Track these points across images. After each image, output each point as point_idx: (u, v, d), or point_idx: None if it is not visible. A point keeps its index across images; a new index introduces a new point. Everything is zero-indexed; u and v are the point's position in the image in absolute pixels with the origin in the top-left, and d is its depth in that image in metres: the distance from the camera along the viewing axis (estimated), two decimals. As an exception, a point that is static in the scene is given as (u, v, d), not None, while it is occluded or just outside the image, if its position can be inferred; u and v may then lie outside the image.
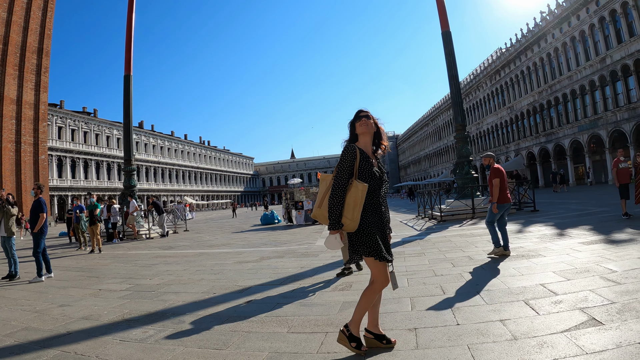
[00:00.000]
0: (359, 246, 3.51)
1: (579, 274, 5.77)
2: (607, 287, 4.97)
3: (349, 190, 3.46)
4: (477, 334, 3.78)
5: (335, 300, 5.45)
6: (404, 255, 8.92)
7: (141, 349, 4.08)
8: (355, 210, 3.44)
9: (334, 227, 3.43)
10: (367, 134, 3.64)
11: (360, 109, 3.73)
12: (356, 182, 3.45)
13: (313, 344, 3.89)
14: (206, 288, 7.02)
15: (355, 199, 3.43)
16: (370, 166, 3.54)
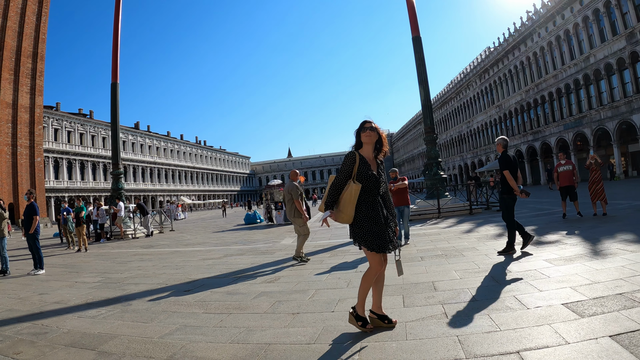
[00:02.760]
0: (356, 237, 4.18)
1: (475, 274, 6.49)
2: (490, 285, 5.69)
3: (346, 189, 4.13)
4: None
5: (256, 290, 6.63)
6: (345, 253, 10.10)
7: (90, 322, 5.38)
8: (349, 206, 4.09)
9: (326, 208, 4.22)
10: (369, 143, 4.26)
11: (365, 120, 4.31)
12: (352, 183, 4.10)
13: (214, 320, 5.08)
14: (162, 280, 8.31)
15: (349, 196, 4.07)
16: (368, 169, 4.16)
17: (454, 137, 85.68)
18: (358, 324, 4.22)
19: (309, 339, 4.12)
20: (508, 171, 8.20)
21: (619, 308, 4.17)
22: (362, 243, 4.14)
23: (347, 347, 3.80)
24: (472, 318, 4.32)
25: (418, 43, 21.47)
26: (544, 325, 3.93)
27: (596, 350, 3.27)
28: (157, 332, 4.75)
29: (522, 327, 3.93)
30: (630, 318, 3.84)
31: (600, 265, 6.13)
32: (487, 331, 3.91)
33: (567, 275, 5.74)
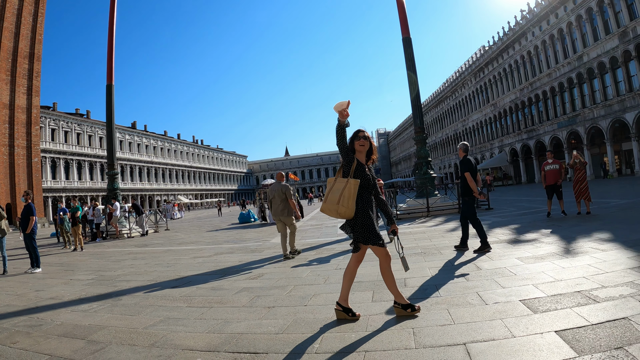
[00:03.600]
0: (358, 235, 4.51)
1: (447, 271, 6.83)
2: (458, 282, 5.98)
3: (345, 185, 4.46)
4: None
5: (239, 286, 7.03)
6: (329, 252, 10.52)
7: (82, 315, 5.79)
8: (350, 200, 4.42)
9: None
10: (362, 151, 4.66)
11: (359, 129, 4.71)
12: (350, 179, 4.46)
13: (196, 313, 5.48)
14: (153, 277, 8.72)
15: (349, 191, 4.42)
16: (363, 170, 4.59)
17: (449, 136, 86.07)
18: (348, 315, 4.63)
19: (277, 329, 4.51)
20: (469, 173, 8.67)
21: (573, 305, 4.40)
22: (362, 239, 4.51)
23: (310, 337, 4.18)
24: (432, 312, 4.63)
25: (408, 44, 21.63)
26: (496, 320, 4.20)
27: (539, 343, 3.51)
28: (142, 323, 5.16)
29: (475, 322, 4.21)
30: (580, 315, 4.07)
31: (568, 264, 6.36)
32: (442, 324, 4.22)
33: (533, 273, 6.01)
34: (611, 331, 3.60)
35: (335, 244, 11.73)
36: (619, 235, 8.44)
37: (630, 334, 3.49)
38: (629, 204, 14.61)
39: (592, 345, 3.35)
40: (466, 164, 8.84)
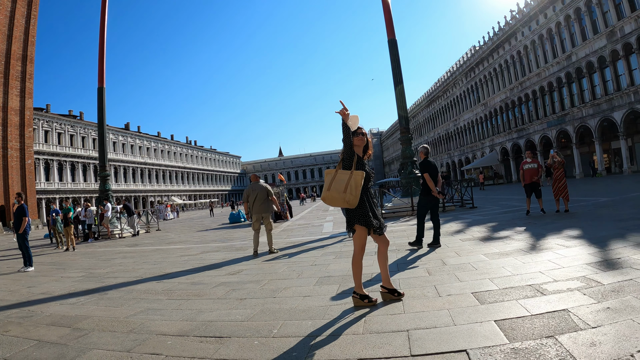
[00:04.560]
0: (357, 218, 4.92)
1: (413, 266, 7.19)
2: (421, 276, 6.28)
3: (350, 176, 4.85)
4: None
5: (218, 281, 7.50)
6: (311, 249, 11.03)
7: (70, 308, 6.26)
8: (357, 189, 4.80)
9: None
10: (360, 146, 5.09)
11: (358, 126, 5.09)
12: (356, 171, 4.86)
13: (174, 305, 5.95)
14: (139, 274, 9.18)
15: (356, 181, 4.81)
16: (363, 163, 5.05)
17: (441, 135, 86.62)
18: (365, 302, 4.96)
19: (244, 317, 4.96)
20: (428, 174, 9.14)
21: (520, 297, 4.65)
22: (359, 222, 4.91)
23: (271, 324, 4.61)
24: (388, 304, 4.97)
25: (394, 45, 21.93)
26: (443, 310, 4.49)
27: (476, 330, 3.78)
28: (124, 314, 5.63)
29: (424, 312, 4.51)
30: (524, 306, 4.31)
31: (530, 259, 6.63)
32: (393, 314, 4.56)
33: (494, 268, 6.31)
34: (548, 321, 3.84)
35: (317, 242, 12.23)
36: (587, 233, 8.71)
37: (565, 324, 3.72)
38: (608, 202, 14.93)
39: (525, 334, 3.59)
40: (426, 165, 9.33)
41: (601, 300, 4.25)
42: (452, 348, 3.46)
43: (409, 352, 3.48)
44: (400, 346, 3.63)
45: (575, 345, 3.25)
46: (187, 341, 4.26)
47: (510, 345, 3.40)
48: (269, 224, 11.02)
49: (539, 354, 3.17)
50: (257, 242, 10.78)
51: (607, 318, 3.73)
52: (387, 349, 3.59)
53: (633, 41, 36.45)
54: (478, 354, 3.30)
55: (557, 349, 3.22)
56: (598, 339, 3.31)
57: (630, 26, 36.62)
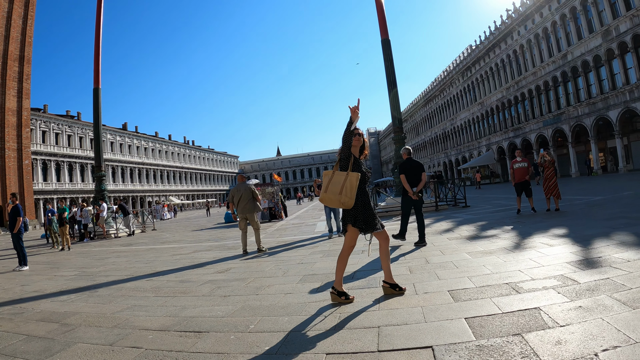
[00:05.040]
0: (347, 218, 5.11)
1: (397, 265, 7.21)
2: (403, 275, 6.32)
3: (346, 178, 4.99)
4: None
5: (205, 279, 7.69)
6: (300, 248, 11.24)
7: (60, 305, 6.45)
8: (352, 191, 4.95)
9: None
10: (357, 146, 5.22)
11: (354, 127, 5.20)
12: (352, 172, 4.99)
13: (160, 301, 6.16)
14: (130, 273, 9.37)
15: (351, 183, 4.96)
16: (360, 164, 5.19)
17: (438, 134, 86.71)
18: (342, 298, 5.12)
19: (224, 314, 5.15)
20: (404, 175, 9.50)
21: (494, 295, 4.73)
22: (352, 222, 5.07)
23: (249, 319, 4.79)
24: (365, 302, 5.06)
25: (387, 45, 21.94)
26: (417, 308, 4.58)
27: (445, 327, 3.89)
28: (111, 310, 5.83)
29: (398, 309, 4.62)
30: (496, 304, 4.38)
31: (511, 258, 6.70)
32: (367, 310, 4.69)
33: (474, 267, 6.38)
34: (517, 319, 3.90)
35: (308, 241, 12.40)
36: (573, 231, 8.76)
37: (535, 322, 3.78)
38: (600, 201, 15.02)
39: (493, 331, 3.66)
40: (402, 166, 9.66)
41: (574, 299, 4.31)
42: (419, 344, 3.57)
43: (376, 348, 3.60)
44: (369, 342, 3.75)
45: (540, 344, 3.31)
46: (167, 335, 4.45)
47: (476, 342, 3.48)
48: (255, 224, 11.21)
49: (503, 352, 3.25)
50: (245, 241, 11.03)
51: (577, 317, 3.80)
52: (355, 344, 3.72)
53: (628, 40, 36.54)
54: (443, 350, 3.40)
55: (522, 347, 3.29)
56: (564, 338, 3.38)
57: (626, 25, 36.70)
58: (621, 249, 6.33)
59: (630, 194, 16.05)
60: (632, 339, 3.19)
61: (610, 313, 3.77)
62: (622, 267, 5.29)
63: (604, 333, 3.36)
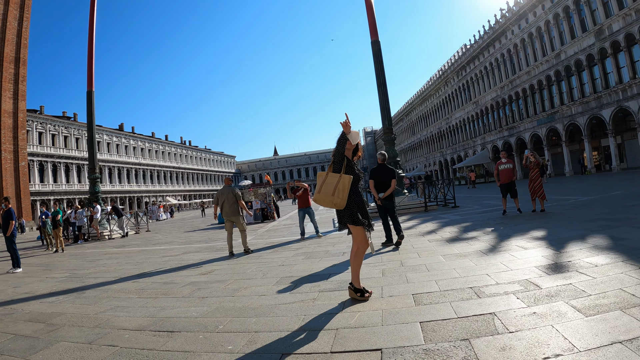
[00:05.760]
0: (346, 218, 5.31)
1: (371, 267, 7.40)
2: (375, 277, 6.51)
3: (339, 180, 5.19)
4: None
5: (188, 280, 8.01)
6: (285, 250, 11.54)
7: (48, 306, 6.77)
8: (344, 193, 5.16)
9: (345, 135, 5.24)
10: (351, 149, 5.40)
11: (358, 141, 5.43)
12: (344, 175, 5.20)
13: (141, 302, 6.47)
14: (119, 274, 9.68)
15: (344, 185, 5.16)
16: (353, 166, 5.39)
17: (434, 134, 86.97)
18: (357, 295, 5.32)
19: (198, 314, 5.45)
20: (372, 181, 9.86)
21: (454, 300, 4.87)
22: (352, 222, 5.27)
23: (220, 320, 5.08)
24: (333, 304, 5.29)
25: (377, 47, 22.23)
26: (378, 311, 4.76)
27: (399, 330, 4.07)
28: (94, 311, 6.14)
29: (360, 312, 4.81)
30: (454, 309, 4.53)
31: (483, 262, 6.82)
32: (331, 313, 4.89)
33: (445, 270, 6.52)
34: (470, 324, 4.02)
35: (295, 243, 12.73)
36: (551, 234, 8.82)
37: (485, 327, 3.90)
38: (587, 201, 15.11)
39: (443, 336, 3.81)
40: (372, 172, 10.04)
41: (531, 305, 4.40)
42: (370, 347, 3.75)
43: (329, 350, 3.80)
44: (324, 343, 3.96)
45: (486, 349, 3.43)
46: (142, 335, 4.76)
47: (424, 346, 3.65)
48: (241, 225, 11.56)
49: (447, 356, 3.38)
50: (231, 243, 11.37)
51: (529, 323, 3.88)
52: (311, 346, 3.94)
53: (621, 39, 36.89)
54: (390, 353, 3.58)
55: (466, 352, 3.41)
56: (510, 344, 3.47)
57: (618, 24, 37.06)
58: (592, 253, 6.43)
59: (618, 194, 16.22)
60: (577, 347, 3.27)
61: (563, 320, 3.86)
62: (588, 272, 5.39)
63: (550, 341, 3.45)
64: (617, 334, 3.39)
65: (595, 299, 4.30)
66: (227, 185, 11.90)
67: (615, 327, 3.52)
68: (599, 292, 4.52)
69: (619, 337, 3.33)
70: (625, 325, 3.54)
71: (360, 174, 5.50)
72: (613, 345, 3.20)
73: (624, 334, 3.36)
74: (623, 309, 3.91)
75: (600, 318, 3.78)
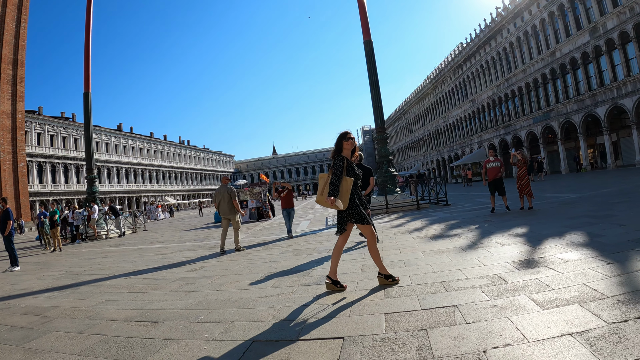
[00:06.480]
0: (349, 217, 5.60)
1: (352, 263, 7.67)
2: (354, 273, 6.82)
3: (341, 182, 5.47)
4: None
5: (177, 276, 8.37)
6: (274, 247, 11.94)
7: (43, 300, 7.13)
8: (346, 195, 5.46)
9: (332, 195, 5.41)
10: (349, 149, 5.74)
11: (347, 131, 5.77)
12: (346, 177, 5.49)
13: (131, 296, 6.83)
14: (113, 272, 10.04)
15: (346, 188, 5.47)
16: (353, 167, 5.64)
17: (431, 132, 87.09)
18: (389, 281, 5.69)
19: (182, 307, 5.79)
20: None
21: (423, 293, 5.08)
22: (357, 221, 5.56)
23: (201, 312, 5.42)
24: (309, 297, 5.59)
25: (369, 46, 22.58)
26: (348, 303, 5.06)
27: (363, 321, 4.30)
28: (86, 304, 6.50)
29: (331, 304, 5.07)
30: (420, 302, 4.74)
31: (460, 258, 7.03)
32: (306, 305, 5.20)
33: (421, 266, 6.74)
34: (431, 315, 4.22)
35: (285, 241, 13.06)
36: (532, 231, 9.02)
37: (446, 319, 4.08)
38: (576, 199, 15.30)
39: (403, 326, 4.01)
40: None
41: (494, 298, 4.57)
42: (334, 335, 4.01)
43: (296, 337, 4.07)
44: (292, 332, 4.25)
45: (441, 338, 3.60)
46: (128, 325, 5.11)
47: (383, 335, 3.86)
48: (236, 223, 11.95)
49: (403, 344, 3.58)
50: (224, 240, 11.76)
51: (488, 315, 4.05)
52: (280, 334, 4.24)
53: (615, 37, 37.07)
54: (351, 340, 3.81)
55: (421, 341, 3.61)
56: (465, 334, 3.63)
57: (613, 22, 37.23)
58: (567, 249, 6.57)
59: (608, 192, 16.45)
60: (527, 338, 3.39)
61: (520, 313, 4.01)
62: (557, 267, 5.53)
63: (504, 332, 3.59)
64: (570, 326, 3.53)
65: (557, 293, 4.44)
66: (225, 184, 12.34)
67: (569, 320, 3.66)
68: (563, 286, 4.66)
69: (570, 329, 3.46)
70: (579, 318, 3.68)
71: (359, 173, 5.76)
72: (562, 337, 3.33)
73: (576, 327, 3.49)
74: (581, 303, 4.04)
75: (557, 311, 3.92)
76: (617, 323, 3.46)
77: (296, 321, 4.62)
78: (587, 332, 3.38)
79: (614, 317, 3.59)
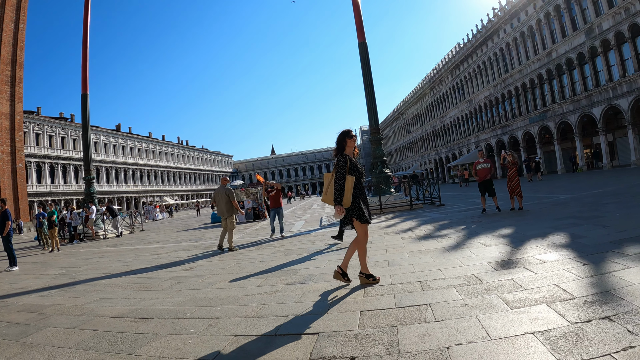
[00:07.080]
0: (353, 214, 5.72)
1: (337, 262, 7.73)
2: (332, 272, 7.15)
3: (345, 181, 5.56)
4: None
5: (170, 275, 8.67)
6: (266, 247, 12.26)
7: (40, 299, 7.42)
8: (349, 193, 5.59)
9: (338, 203, 5.57)
10: (352, 146, 5.85)
11: (349, 130, 5.89)
12: (348, 176, 5.59)
13: (124, 294, 7.13)
14: (108, 271, 10.33)
15: (349, 186, 5.59)
16: (355, 165, 5.77)
17: (429, 132, 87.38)
18: (369, 280, 5.87)
19: (172, 304, 6.07)
20: None
21: (400, 292, 5.24)
22: (357, 218, 5.73)
23: (189, 309, 5.69)
24: (293, 295, 5.83)
25: (364, 48, 22.78)
26: (327, 301, 5.28)
27: (340, 318, 4.53)
28: (82, 302, 6.79)
29: (312, 301, 5.34)
30: (396, 300, 4.93)
31: (443, 258, 7.17)
32: (287, 302, 5.45)
33: (403, 266, 6.92)
34: (404, 313, 4.39)
35: (278, 241, 13.34)
36: (517, 232, 9.12)
37: (417, 316, 4.27)
38: (567, 200, 15.42)
39: (375, 323, 4.21)
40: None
41: (466, 297, 4.71)
42: (310, 331, 4.23)
43: (275, 333, 4.32)
44: (272, 327, 4.49)
45: (409, 335, 3.79)
46: (120, 321, 5.40)
47: (356, 331, 4.06)
48: (231, 224, 12.31)
49: (373, 339, 3.78)
50: (222, 238, 12.27)
51: (457, 313, 4.20)
52: (259, 329, 4.47)
53: (611, 37, 37.28)
54: (325, 336, 4.02)
55: (390, 337, 3.79)
56: (432, 331, 3.80)
57: (608, 22, 37.45)
58: (547, 250, 6.69)
59: (599, 192, 16.57)
60: (490, 336, 3.53)
61: (488, 312, 4.14)
62: (534, 268, 5.65)
63: (470, 329, 3.73)
64: (534, 325, 3.65)
65: (528, 294, 4.57)
66: (223, 185, 12.78)
67: (535, 320, 3.78)
68: (534, 287, 4.79)
69: (534, 328, 3.58)
70: (545, 318, 3.80)
71: (362, 170, 5.93)
72: (525, 336, 3.46)
73: (540, 326, 3.61)
74: (549, 303, 4.16)
75: (524, 311, 4.05)
76: (580, 323, 3.59)
77: (276, 317, 4.86)
78: (549, 331, 3.50)
79: (578, 317, 3.72)
